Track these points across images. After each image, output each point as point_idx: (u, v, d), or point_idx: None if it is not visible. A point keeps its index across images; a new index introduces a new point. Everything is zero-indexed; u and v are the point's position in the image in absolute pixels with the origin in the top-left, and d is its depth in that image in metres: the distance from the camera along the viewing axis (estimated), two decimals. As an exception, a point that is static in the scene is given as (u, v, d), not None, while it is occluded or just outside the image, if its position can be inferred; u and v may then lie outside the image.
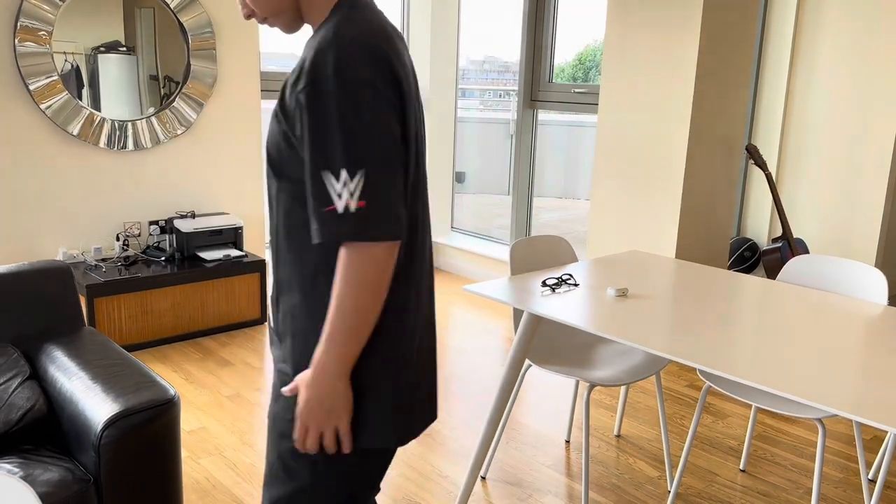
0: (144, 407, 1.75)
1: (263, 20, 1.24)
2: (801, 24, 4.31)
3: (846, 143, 4.20)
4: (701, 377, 2.22)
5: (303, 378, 1.15)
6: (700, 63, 3.48)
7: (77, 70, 3.53)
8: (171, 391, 1.83)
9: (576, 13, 4.66)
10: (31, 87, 3.36)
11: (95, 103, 3.59)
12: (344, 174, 1.04)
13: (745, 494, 2.47)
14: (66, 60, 3.47)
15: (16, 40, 3.29)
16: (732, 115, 3.77)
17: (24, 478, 1.66)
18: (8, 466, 1.70)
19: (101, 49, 3.58)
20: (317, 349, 1.13)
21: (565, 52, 4.92)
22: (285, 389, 1.18)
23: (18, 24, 3.28)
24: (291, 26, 1.24)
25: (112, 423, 1.70)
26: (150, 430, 1.76)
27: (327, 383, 1.12)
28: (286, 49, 4.83)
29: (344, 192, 1.04)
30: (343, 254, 1.08)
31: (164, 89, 3.79)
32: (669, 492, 2.44)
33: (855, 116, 4.15)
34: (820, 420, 2.01)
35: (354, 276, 1.07)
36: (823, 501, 2.45)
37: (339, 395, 1.13)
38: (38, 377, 1.99)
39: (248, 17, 1.25)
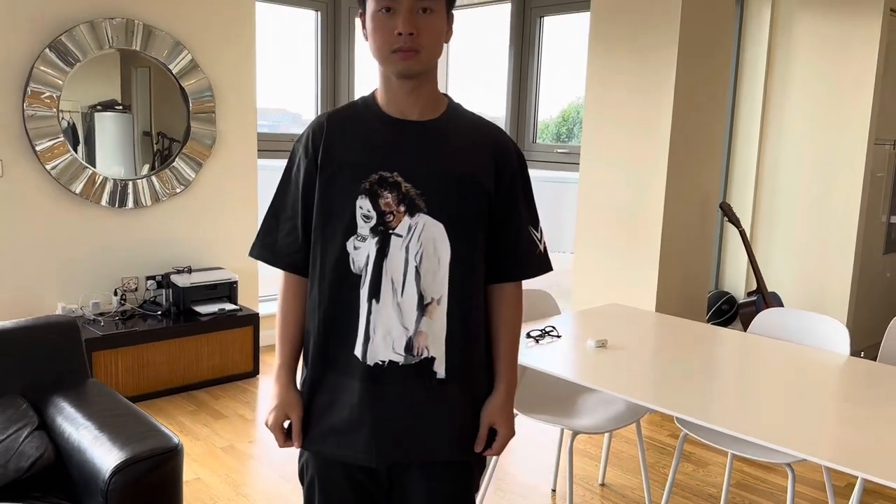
0: (149, 455, 1.85)
1: (415, 63, 1.31)
2: (769, 89, 4.56)
3: (815, 200, 4.41)
4: (678, 425, 2.33)
5: (499, 408, 1.44)
6: (674, 126, 3.69)
7: (73, 127, 3.67)
8: (175, 440, 1.93)
9: (559, 70, 4.90)
10: (38, 149, 3.51)
11: (90, 159, 3.72)
12: (539, 227, 1.49)
13: (724, 540, 2.56)
14: (62, 118, 3.61)
15: (24, 104, 3.46)
16: (706, 174, 3.98)
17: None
18: (18, 513, 1.78)
19: (98, 108, 3.73)
20: (505, 376, 1.45)
21: (550, 108, 5.15)
22: (483, 434, 1.43)
23: (28, 89, 3.45)
24: (425, 84, 1.36)
25: (119, 470, 1.79)
26: (155, 476, 1.85)
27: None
28: (273, 104, 5.01)
29: (542, 239, 1.49)
30: (515, 288, 1.46)
31: (157, 145, 3.95)
32: (651, 538, 2.52)
33: (822, 175, 4.37)
34: (789, 465, 2.13)
35: (521, 305, 1.49)
36: (799, 546, 2.55)
37: None
38: (46, 427, 2.08)
39: (408, 51, 1.29)
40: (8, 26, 3.40)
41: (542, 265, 1.49)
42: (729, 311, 4.49)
